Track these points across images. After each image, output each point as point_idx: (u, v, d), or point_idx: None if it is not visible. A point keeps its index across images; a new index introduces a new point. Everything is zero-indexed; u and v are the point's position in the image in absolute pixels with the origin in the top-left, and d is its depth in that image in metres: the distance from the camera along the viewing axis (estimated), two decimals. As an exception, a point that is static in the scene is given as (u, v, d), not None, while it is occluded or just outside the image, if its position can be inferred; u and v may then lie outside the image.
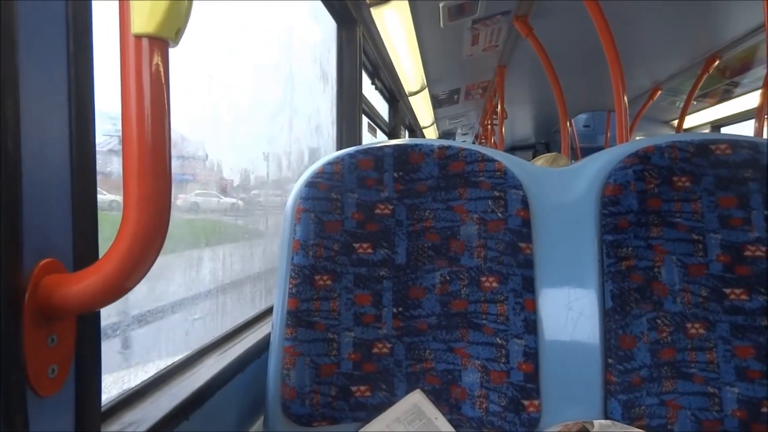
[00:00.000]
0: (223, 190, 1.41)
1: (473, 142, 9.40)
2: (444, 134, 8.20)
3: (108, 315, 0.86)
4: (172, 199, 0.49)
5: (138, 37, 0.45)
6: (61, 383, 0.51)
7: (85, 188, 0.54)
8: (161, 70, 0.46)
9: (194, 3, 0.47)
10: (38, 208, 0.48)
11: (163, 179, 0.47)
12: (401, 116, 4.48)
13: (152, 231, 0.47)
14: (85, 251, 0.54)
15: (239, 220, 1.60)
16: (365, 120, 2.87)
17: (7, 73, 0.44)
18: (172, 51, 0.47)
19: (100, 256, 0.55)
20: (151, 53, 0.45)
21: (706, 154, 0.96)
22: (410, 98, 4.37)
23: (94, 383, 0.57)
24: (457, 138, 9.12)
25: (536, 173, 1.00)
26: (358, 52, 2.21)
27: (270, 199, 1.77)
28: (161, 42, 0.46)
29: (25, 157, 0.46)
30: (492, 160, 0.98)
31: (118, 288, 0.48)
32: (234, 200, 1.49)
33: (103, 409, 0.65)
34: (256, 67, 1.53)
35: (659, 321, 0.92)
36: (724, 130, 5.67)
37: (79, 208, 0.53)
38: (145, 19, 0.44)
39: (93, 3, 0.54)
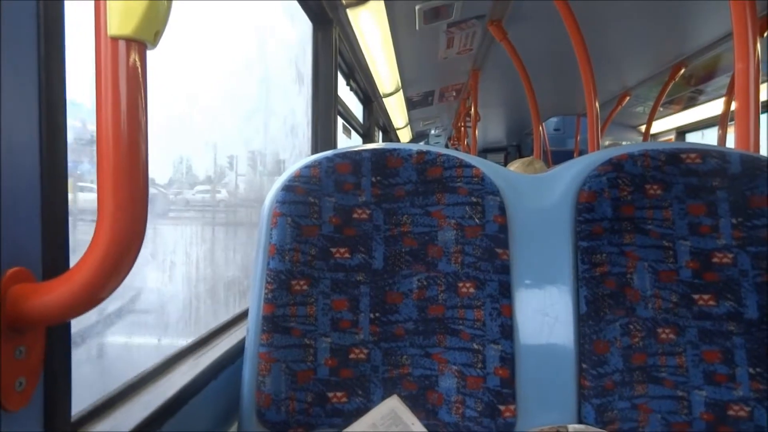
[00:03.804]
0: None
1: (446, 144, 9.47)
2: (418, 135, 8.24)
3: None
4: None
5: (114, 39, 0.43)
6: (29, 396, 0.49)
7: (56, 195, 0.52)
8: (139, 73, 0.44)
9: (173, 3, 0.46)
10: (6, 215, 0.46)
11: (139, 185, 0.46)
12: (375, 117, 4.48)
13: (128, 239, 0.46)
14: (54, 260, 0.52)
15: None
16: (340, 121, 2.85)
17: None
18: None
19: (70, 265, 0.53)
20: (128, 56, 0.44)
21: (677, 163, 0.98)
22: (385, 100, 4.37)
23: (64, 395, 0.55)
24: (430, 137, 9.18)
25: (513, 179, 1.01)
26: (334, 53, 2.20)
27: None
28: (139, 44, 0.44)
29: None
30: (470, 166, 0.98)
31: (90, 298, 0.47)
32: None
33: (72, 419, 0.63)
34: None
35: (631, 326, 0.93)
36: (689, 136, 5.83)
37: (48, 215, 0.51)
38: (121, 21, 0.43)
39: (66, 3, 0.52)
